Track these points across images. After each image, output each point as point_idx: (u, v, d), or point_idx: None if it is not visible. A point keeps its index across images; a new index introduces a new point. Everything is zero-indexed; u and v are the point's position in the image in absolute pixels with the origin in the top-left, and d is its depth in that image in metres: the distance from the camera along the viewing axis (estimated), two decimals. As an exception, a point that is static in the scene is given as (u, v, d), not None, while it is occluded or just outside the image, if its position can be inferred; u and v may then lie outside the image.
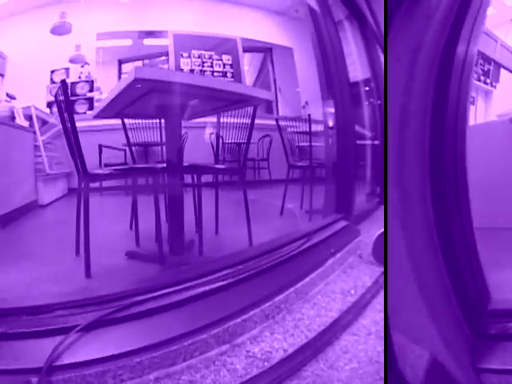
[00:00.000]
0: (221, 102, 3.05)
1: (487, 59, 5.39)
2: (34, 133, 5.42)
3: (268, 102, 3.05)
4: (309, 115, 4.91)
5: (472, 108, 5.71)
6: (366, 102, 5.80)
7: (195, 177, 3.55)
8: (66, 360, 1.59)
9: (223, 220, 3.92)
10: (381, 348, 1.94)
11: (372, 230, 3.49)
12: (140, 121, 4.90)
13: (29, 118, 5.53)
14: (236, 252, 2.66)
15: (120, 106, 3.07)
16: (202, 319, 1.87)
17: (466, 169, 1.71)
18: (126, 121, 4.51)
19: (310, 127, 4.96)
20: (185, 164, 3.25)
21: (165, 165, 3.16)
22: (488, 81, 5.63)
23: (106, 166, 5.34)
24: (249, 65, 9.01)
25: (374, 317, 2.30)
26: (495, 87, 5.82)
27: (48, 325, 1.76)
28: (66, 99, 2.88)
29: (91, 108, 6.82)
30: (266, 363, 1.80)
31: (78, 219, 3.08)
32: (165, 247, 3.05)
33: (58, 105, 3.08)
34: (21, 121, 5.31)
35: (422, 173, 1.50)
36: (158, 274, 2.81)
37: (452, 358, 1.51)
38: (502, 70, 5.73)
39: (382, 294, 2.54)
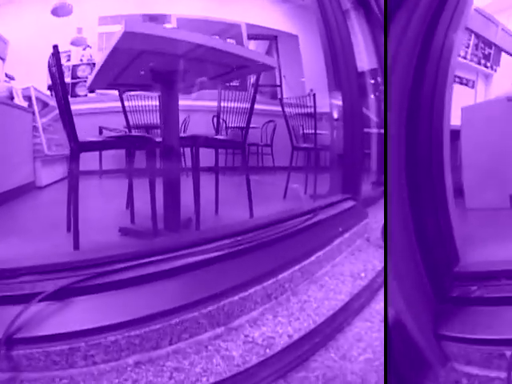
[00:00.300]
0: (221, 67, 2.72)
1: (488, 43, 5.28)
2: (33, 113, 5.17)
3: (270, 68, 2.75)
4: (314, 95, 4.63)
5: (472, 91, 5.59)
6: (372, 95, 5.58)
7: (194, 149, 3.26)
8: (29, 332, 1.31)
9: (224, 201, 3.63)
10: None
11: (379, 215, 3.18)
12: (141, 103, 4.68)
13: (28, 99, 5.28)
14: (236, 222, 2.35)
15: (113, 73, 2.75)
16: (192, 294, 1.56)
17: (442, 129, 1.76)
18: (127, 103, 4.32)
19: (314, 108, 4.66)
20: (183, 135, 2.96)
21: (161, 139, 2.84)
22: (488, 64, 5.53)
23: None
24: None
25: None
26: (495, 71, 5.71)
27: (12, 291, 1.46)
28: (57, 63, 2.60)
29: (92, 91, 6.55)
30: (267, 350, 1.50)
31: (70, 194, 2.80)
32: (161, 225, 2.75)
33: (50, 73, 2.81)
34: (19, 101, 5.07)
35: (399, 116, 1.57)
36: (145, 241, 2.50)
37: (413, 320, 1.47)
38: (504, 55, 5.65)
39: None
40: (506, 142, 3.41)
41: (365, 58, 5.44)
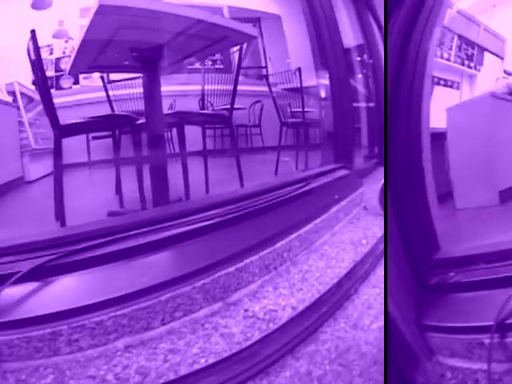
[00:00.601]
0: (201, 40, 2.56)
1: (471, 44, 5.19)
2: (18, 108, 5.02)
3: (251, 37, 2.61)
4: (299, 69, 4.50)
5: (457, 93, 5.51)
6: (359, 72, 5.49)
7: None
8: (6, 317, 1.18)
9: (215, 182, 3.50)
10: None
11: (373, 186, 3.03)
12: (127, 91, 4.53)
13: (12, 94, 5.13)
14: (227, 192, 2.19)
15: (92, 53, 2.59)
16: (183, 266, 1.40)
17: (420, 119, 1.70)
18: (113, 92, 4.35)
19: (300, 82, 4.50)
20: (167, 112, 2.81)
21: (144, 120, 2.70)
22: (472, 64, 5.43)
23: (94, 138, 5.00)
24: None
25: None
26: (479, 70, 5.63)
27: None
28: (34, 44, 2.52)
29: (76, 82, 6.47)
30: (270, 325, 1.34)
31: (56, 181, 2.65)
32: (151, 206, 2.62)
33: (29, 58, 2.68)
34: (3, 96, 4.92)
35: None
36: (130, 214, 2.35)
37: (397, 311, 1.37)
38: (487, 54, 5.57)
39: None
40: (492, 139, 3.34)
41: (350, 34, 5.37)
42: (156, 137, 2.49)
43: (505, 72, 4.38)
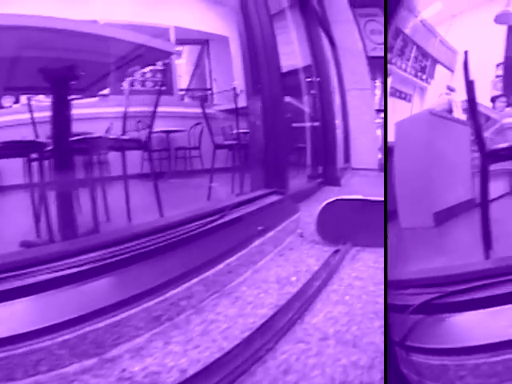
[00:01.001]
0: (112, 59, 2.30)
1: (426, 55, 5.16)
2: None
3: (168, 54, 2.46)
4: (234, 88, 4.40)
5: (408, 105, 5.47)
6: (306, 91, 5.46)
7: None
8: None
9: (144, 208, 3.30)
10: (347, 359, 1.20)
11: (313, 208, 2.81)
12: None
13: None
14: (111, 231, 1.94)
15: (3, 74, 2.38)
16: (46, 316, 1.17)
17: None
18: (38, 114, 4.04)
19: (235, 104, 4.41)
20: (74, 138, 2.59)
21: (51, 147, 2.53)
22: (424, 77, 5.40)
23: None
24: (185, 57, 8.71)
25: (330, 312, 1.53)
26: (430, 83, 5.60)
27: None
28: None
29: (17, 101, 6.27)
30: (148, 391, 1.07)
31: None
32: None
33: None
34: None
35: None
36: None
37: None
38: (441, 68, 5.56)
39: (338, 279, 1.88)
40: (429, 158, 3.32)
41: (298, 54, 5.35)
42: (62, 164, 2.28)
43: (448, 88, 4.30)
